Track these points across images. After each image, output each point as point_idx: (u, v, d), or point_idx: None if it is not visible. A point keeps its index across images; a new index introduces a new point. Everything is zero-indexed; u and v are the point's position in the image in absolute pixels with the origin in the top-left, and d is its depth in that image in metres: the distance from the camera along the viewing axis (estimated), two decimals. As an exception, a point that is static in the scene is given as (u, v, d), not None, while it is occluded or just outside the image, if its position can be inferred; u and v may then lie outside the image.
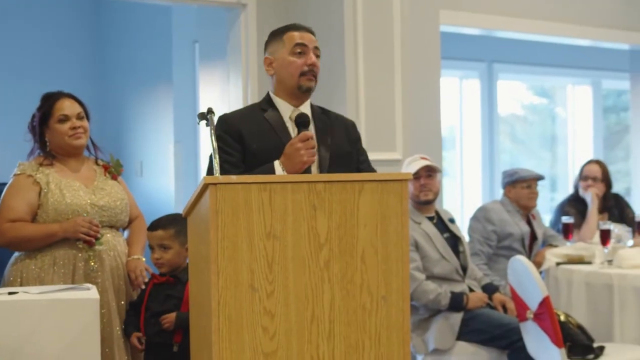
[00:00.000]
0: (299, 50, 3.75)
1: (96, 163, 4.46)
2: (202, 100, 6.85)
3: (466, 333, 5.36)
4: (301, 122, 3.71)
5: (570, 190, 7.49)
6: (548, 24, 7.96)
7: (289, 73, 3.77)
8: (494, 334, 5.30)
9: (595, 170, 6.86)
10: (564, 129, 11.86)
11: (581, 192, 6.82)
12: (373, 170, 3.92)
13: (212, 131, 3.48)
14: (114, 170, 4.46)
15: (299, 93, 3.77)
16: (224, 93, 6.37)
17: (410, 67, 6.31)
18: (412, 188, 5.50)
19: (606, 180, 6.86)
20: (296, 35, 3.78)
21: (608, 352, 5.07)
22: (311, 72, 3.76)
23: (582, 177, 6.87)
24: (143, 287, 4.26)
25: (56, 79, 8.45)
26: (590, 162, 7.02)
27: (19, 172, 4.25)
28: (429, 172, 5.57)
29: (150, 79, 8.20)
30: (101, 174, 4.41)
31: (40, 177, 4.21)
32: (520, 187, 6.36)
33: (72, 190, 4.23)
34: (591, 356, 4.98)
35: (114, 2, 8.72)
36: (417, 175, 5.50)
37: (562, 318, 5.16)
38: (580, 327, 5.20)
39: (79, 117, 4.32)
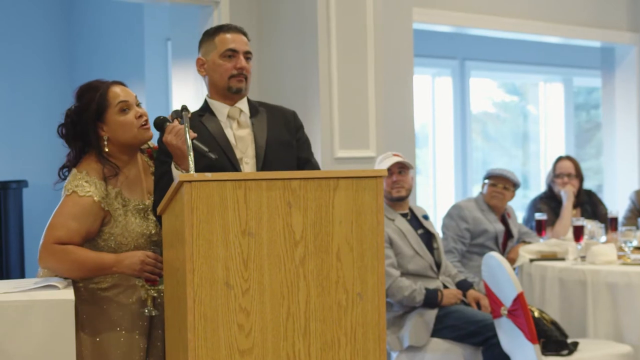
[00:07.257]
0: (229, 54, 3.77)
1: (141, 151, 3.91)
2: (175, 98, 6.82)
3: (441, 330, 5.36)
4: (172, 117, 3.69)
5: (542, 188, 7.51)
6: (520, 22, 8.00)
7: (218, 75, 3.79)
8: (469, 331, 5.30)
9: (569, 166, 6.87)
10: (535, 127, 11.92)
11: (557, 189, 6.82)
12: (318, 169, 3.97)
13: (187, 129, 3.48)
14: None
15: (230, 94, 3.79)
16: (197, 90, 6.34)
17: (383, 65, 6.31)
18: (385, 185, 5.50)
19: (579, 175, 6.89)
20: (228, 39, 3.79)
21: (582, 347, 5.10)
22: (241, 75, 3.77)
23: (557, 174, 6.88)
24: None
25: (26, 78, 8.45)
26: (561, 158, 7.03)
27: (84, 194, 3.56)
28: (401, 169, 5.57)
29: (123, 77, 8.05)
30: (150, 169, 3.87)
31: (108, 203, 3.60)
32: (488, 183, 6.37)
33: (137, 216, 3.67)
34: (565, 352, 5.00)
35: (85, 0, 8.66)
36: (389, 172, 5.50)
37: (536, 314, 5.18)
38: (554, 323, 5.23)
39: (138, 105, 3.80)
